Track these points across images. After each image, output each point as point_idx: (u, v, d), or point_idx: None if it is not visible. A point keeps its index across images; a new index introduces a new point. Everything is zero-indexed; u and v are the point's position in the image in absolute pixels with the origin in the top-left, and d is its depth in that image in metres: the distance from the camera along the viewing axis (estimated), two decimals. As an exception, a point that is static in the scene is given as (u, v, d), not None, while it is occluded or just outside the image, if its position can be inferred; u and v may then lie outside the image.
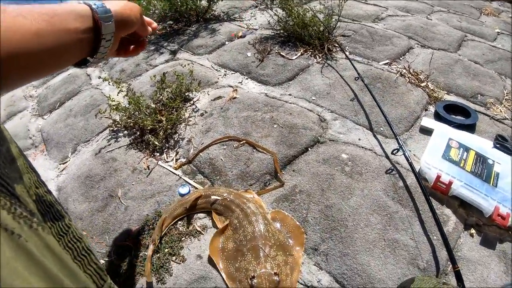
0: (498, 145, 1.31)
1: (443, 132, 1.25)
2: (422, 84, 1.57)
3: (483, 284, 0.98)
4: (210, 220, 1.02)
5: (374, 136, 1.24)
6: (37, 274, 0.29)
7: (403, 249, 0.97)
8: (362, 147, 1.19)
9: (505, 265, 1.02)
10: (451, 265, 0.97)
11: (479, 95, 1.59)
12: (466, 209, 1.11)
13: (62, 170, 1.43)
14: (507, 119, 1.54)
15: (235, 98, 1.44)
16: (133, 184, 1.15)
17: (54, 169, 1.46)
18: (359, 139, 1.23)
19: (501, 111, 1.57)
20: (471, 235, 1.08)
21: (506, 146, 1.31)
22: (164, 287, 0.94)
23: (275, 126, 1.25)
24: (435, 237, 1.02)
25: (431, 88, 1.52)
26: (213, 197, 1.00)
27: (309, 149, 1.20)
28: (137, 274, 0.99)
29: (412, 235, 1.00)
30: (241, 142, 1.18)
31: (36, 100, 2.07)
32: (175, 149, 1.22)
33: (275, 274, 0.85)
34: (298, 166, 1.14)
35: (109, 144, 1.30)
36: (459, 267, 0.93)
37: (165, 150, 1.21)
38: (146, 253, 0.97)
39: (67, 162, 1.44)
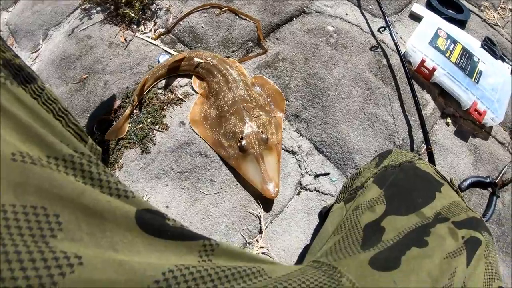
0: (485, 47, 1.30)
1: (433, 20, 1.22)
2: (418, -29, 1.49)
3: (452, 171, 1.05)
4: (192, 88, 1.01)
5: (362, 13, 1.21)
6: (9, 126, 0.25)
7: (381, 124, 1.00)
8: (349, 22, 1.16)
9: (474, 159, 1.08)
10: (425, 147, 1.02)
11: (475, -4, 1.53)
12: (445, 99, 1.14)
13: (35, 59, 1.35)
14: (499, 26, 1.51)
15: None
16: (110, 59, 1.10)
17: (26, 59, 1.37)
18: (346, 14, 1.19)
19: (494, 17, 1.54)
20: (447, 124, 1.12)
21: (493, 50, 1.30)
22: (149, 156, 0.96)
23: None
24: (412, 118, 1.05)
25: (427, -23, 1.45)
26: (196, 59, 0.97)
27: (294, 18, 1.16)
28: (121, 147, 1.00)
29: (391, 112, 1.03)
30: (223, 9, 1.13)
31: (-3, -5, 1.86)
32: (153, 20, 1.15)
33: (262, 132, 0.86)
34: (282, 34, 1.11)
35: (82, 23, 1.21)
36: (432, 149, 0.98)
37: (142, 21, 1.15)
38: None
39: (39, 49, 1.35)
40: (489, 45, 1.31)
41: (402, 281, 0.41)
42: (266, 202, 0.87)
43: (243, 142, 0.84)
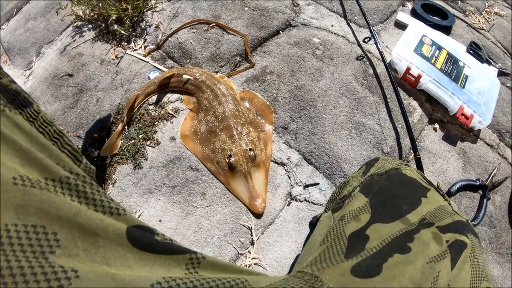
0: (471, 51, 1.32)
1: (418, 28, 1.24)
2: (402, -20, 1.51)
3: (441, 175, 1.07)
4: (182, 103, 1.03)
5: (348, 24, 1.23)
6: (9, 152, 0.28)
7: (369, 133, 1.02)
8: (335, 33, 1.18)
9: (463, 162, 1.10)
10: (413, 154, 1.04)
11: (459, 1, 1.56)
12: (432, 105, 1.16)
13: (29, 76, 1.37)
14: (484, 29, 1.54)
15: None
16: (102, 76, 1.12)
17: (20, 76, 1.39)
18: (332, 25, 1.22)
19: (479, 21, 1.56)
20: (435, 129, 1.14)
21: (478, 54, 1.33)
22: (141, 171, 0.98)
23: (245, 8, 1.22)
24: (400, 125, 1.07)
25: (411, -15, 1.48)
26: (185, 76, 0.99)
27: (281, 32, 1.19)
28: (114, 163, 1.02)
29: (379, 121, 1.05)
30: (211, 25, 1.15)
31: (-10, 12, 1.88)
32: (143, 37, 1.18)
33: (250, 150, 0.89)
34: (268, 48, 1.14)
35: (74, 40, 1.24)
36: (420, 155, 1.00)
37: (133, 38, 1.17)
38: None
39: (32, 67, 1.37)
40: (474, 49, 1.34)
41: (383, 287, 0.43)
42: (257, 214, 0.89)
43: (232, 160, 0.87)
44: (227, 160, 0.87)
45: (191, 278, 0.29)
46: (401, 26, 1.29)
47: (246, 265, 0.84)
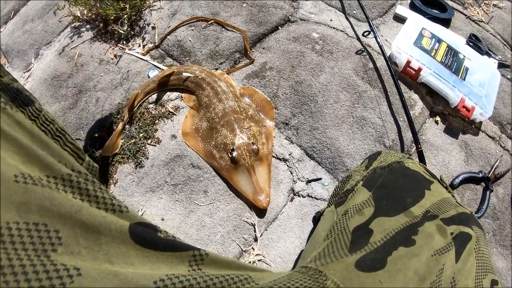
0: (471, 43, 1.31)
1: (417, 21, 1.24)
2: (400, -26, 1.50)
3: (444, 168, 1.06)
4: (182, 101, 1.03)
5: (347, 18, 1.23)
6: (10, 149, 0.27)
7: (370, 127, 1.02)
8: (334, 28, 1.18)
9: (465, 155, 1.09)
10: (415, 147, 1.03)
11: (458, -6, 1.55)
12: (433, 98, 1.15)
13: (28, 78, 1.36)
14: (483, 22, 1.53)
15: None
16: (101, 76, 1.12)
17: (19, 78, 1.38)
18: (331, 20, 1.21)
19: (478, 13, 1.56)
20: (436, 122, 1.14)
21: (478, 46, 1.32)
22: (142, 170, 0.97)
23: (244, 5, 1.21)
24: (401, 119, 1.07)
25: (409, -22, 1.47)
26: (184, 74, 0.99)
27: (280, 27, 1.18)
28: (115, 163, 1.01)
29: (380, 115, 1.04)
30: (209, 22, 1.15)
31: (-12, 15, 1.87)
32: (142, 36, 1.17)
33: (253, 143, 0.88)
34: (268, 44, 1.14)
35: (72, 41, 1.23)
36: (422, 148, 0.99)
37: (131, 38, 1.17)
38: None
39: (31, 68, 1.36)
40: (474, 41, 1.33)
41: (388, 280, 0.42)
42: (260, 210, 0.88)
43: (234, 154, 0.86)
44: (230, 154, 0.87)
45: (194, 275, 0.29)
46: (400, 19, 1.28)
47: (250, 262, 0.83)
